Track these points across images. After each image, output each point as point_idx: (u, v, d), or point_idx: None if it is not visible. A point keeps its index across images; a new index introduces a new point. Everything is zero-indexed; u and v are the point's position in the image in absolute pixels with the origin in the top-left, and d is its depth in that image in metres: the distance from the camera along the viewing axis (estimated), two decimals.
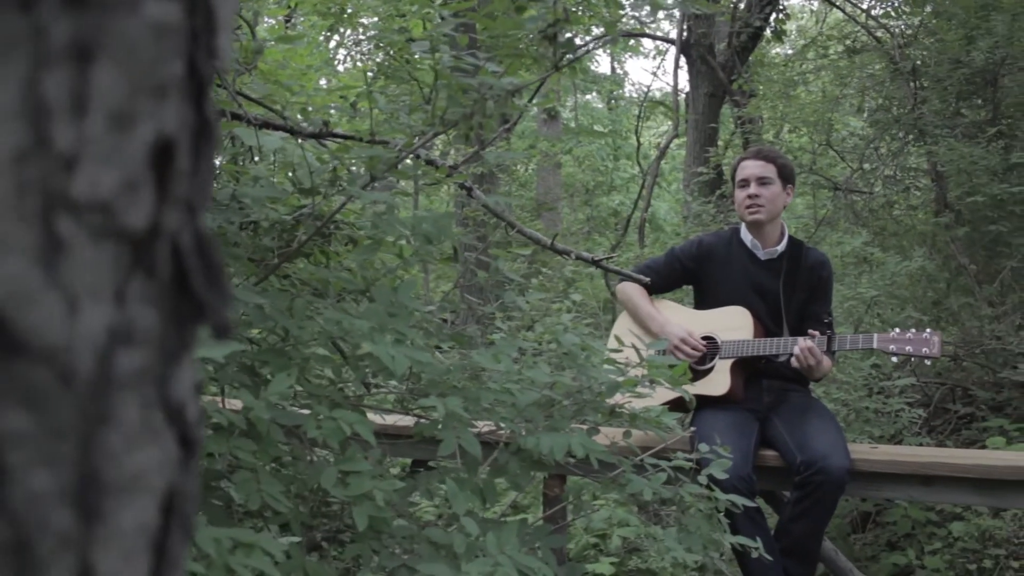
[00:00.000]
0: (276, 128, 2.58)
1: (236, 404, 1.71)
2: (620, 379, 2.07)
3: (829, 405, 4.09)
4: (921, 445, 4.25)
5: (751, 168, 3.33)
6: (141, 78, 0.33)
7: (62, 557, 0.31)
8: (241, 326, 1.83)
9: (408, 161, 2.42)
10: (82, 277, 0.32)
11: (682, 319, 3.42)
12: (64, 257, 0.31)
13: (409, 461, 3.82)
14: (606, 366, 2.13)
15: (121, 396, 0.33)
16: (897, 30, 6.96)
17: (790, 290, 3.32)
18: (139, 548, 0.34)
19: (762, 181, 3.30)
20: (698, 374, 3.30)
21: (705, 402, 3.26)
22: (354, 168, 2.36)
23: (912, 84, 6.37)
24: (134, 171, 0.33)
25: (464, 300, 6.84)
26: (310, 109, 2.74)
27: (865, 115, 7.52)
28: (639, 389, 2.15)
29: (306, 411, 1.72)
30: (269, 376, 1.71)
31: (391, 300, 1.78)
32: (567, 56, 1.81)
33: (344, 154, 2.01)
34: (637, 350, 2.22)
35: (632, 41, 14.95)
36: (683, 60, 8.45)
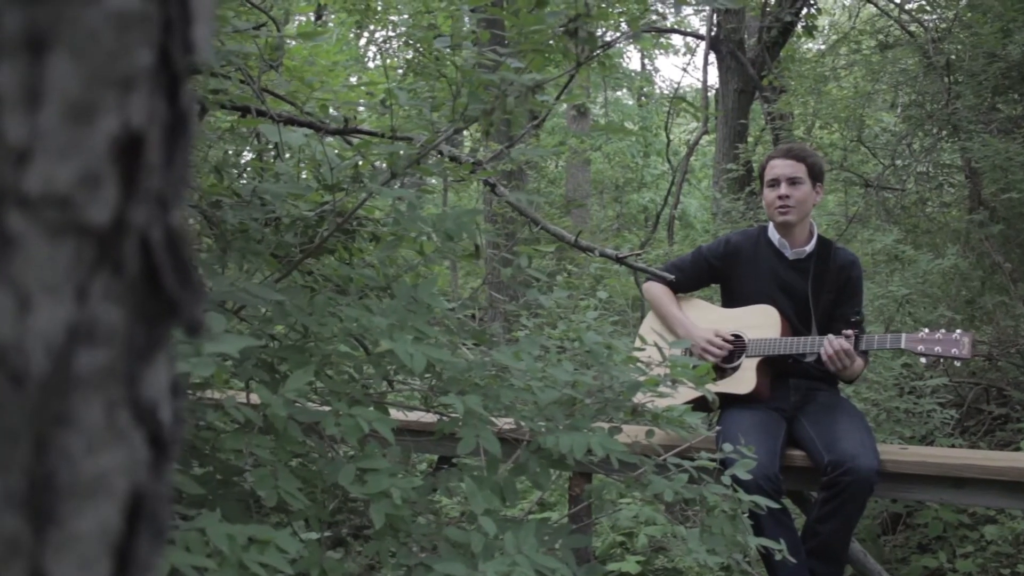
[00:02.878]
0: (301, 124, 2.59)
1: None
2: (641, 378, 2.05)
3: (859, 405, 4.03)
4: (953, 446, 4.18)
5: (780, 168, 3.28)
6: (101, 69, 0.32)
7: (11, 563, 0.30)
8: (261, 322, 1.83)
9: (434, 157, 2.41)
10: (36, 274, 0.31)
11: (709, 317, 3.39)
12: (15, 253, 0.30)
13: (435, 457, 3.82)
14: (629, 365, 2.11)
15: (82, 396, 0.32)
16: (931, 24, 6.86)
17: (818, 290, 3.27)
18: (98, 553, 0.33)
19: (792, 181, 3.25)
20: (724, 372, 3.27)
21: (731, 401, 3.23)
22: (379, 164, 2.36)
23: (946, 79, 6.27)
24: (95, 164, 0.32)
25: (491, 297, 6.84)
26: (335, 107, 2.74)
27: (899, 111, 7.42)
28: (661, 389, 2.13)
29: (327, 408, 1.72)
30: (288, 373, 1.71)
31: (411, 297, 1.77)
32: (593, 52, 1.80)
33: (365, 150, 2.00)
34: (660, 349, 2.20)
35: (662, 38, 14.88)
36: (713, 56, 8.38)
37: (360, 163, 2.08)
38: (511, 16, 1.81)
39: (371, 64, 13.21)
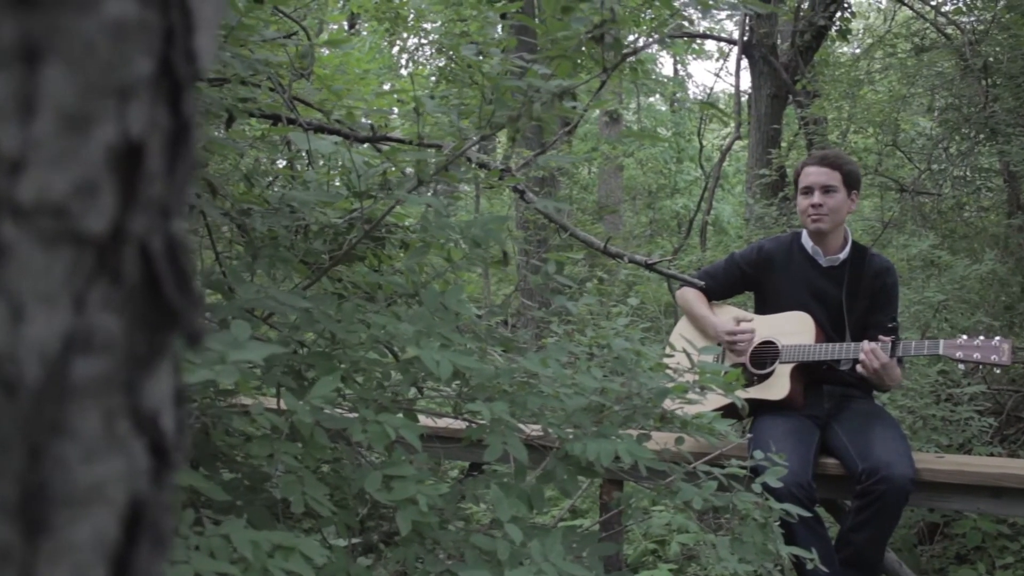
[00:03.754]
0: (331, 132, 2.60)
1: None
2: (669, 385, 2.04)
3: (894, 412, 3.98)
4: (992, 455, 4.11)
5: (815, 175, 3.24)
6: (98, 78, 0.32)
7: (3, 572, 0.30)
8: (290, 329, 1.84)
9: (464, 164, 2.41)
10: (30, 283, 0.31)
11: None
12: (8, 262, 0.30)
13: (467, 464, 3.82)
14: (656, 372, 2.10)
15: (79, 405, 0.33)
16: (968, 26, 6.77)
17: (852, 298, 3.23)
18: (94, 563, 0.33)
19: (827, 189, 3.21)
20: (758, 378, 3.24)
21: (765, 408, 3.20)
22: (409, 171, 2.36)
23: (984, 82, 6.18)
24: (91, 173, 0.32)
25: (522, 304, 6.84)
26: (364, 115, 2.75)
27: (936, 114, 7.32)
28: (689, 395, 2.11)
29: (355, 415, 1.72)
30: (316, 379, 1.71)
31: (438, 303, 1.78)
32: (619, 57, 1.79)
33: (392, 158, 2.01)
34: (688, 356, 2.18)
35: (695, 43, 14.82)
36: (745, 61, 8.33)
37: (390, 170, 2.09)
38: (537, 23, 1.81)
39: (404, 72, 13.30)
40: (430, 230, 1.92)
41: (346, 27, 12.68)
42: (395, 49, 13.68)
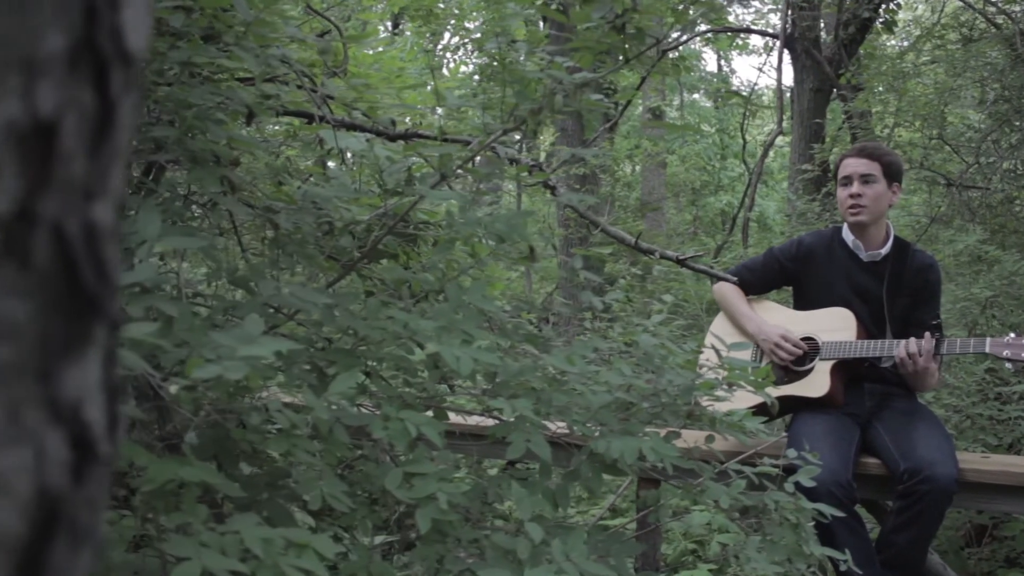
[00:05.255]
0: (362, 130, 2.60)
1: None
2: (697, 382, 2.00)
3: (939, 411, 3.89)
4: None
5: (854, 166, 3.21)
6: None
7: None
8: (314, 325, 1.84)
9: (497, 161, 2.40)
10: None
11: (782, 319, 3.32)
12: None
13: (503, 462, 3.81)
14: (684, 369, 2.06)
15: None
16: (1019, 15, 6.59)
17: (894, 294, 3.17)
18: None
19: (865, 179, 3.17)
20: (797, 375, 3.19)
21: (804, 405, 3.14)
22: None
23: None
24: None
25: (558, 302, 6.82)
26: (397, 111, 2.75)
27: (987, 105, 7.15)
28: (718, 392, 2.07)
29: (378, 412, 1.71)
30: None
31: (462, 299, 1.76)
32: (662, 54, 1.76)
33: (416, 152, 2.00)
34: (718, 352, 2.14)
35: (740, 38, 14.66)
36: (788, 55, 8.21)
37: (413, 166, 2.08)
38: (563, 16, 1.79)
39: (446, 71, 13.36)
40: (455, 226, 1.91)
41: (388, 27, 12.75)
42: (438, 47, 13.73)
